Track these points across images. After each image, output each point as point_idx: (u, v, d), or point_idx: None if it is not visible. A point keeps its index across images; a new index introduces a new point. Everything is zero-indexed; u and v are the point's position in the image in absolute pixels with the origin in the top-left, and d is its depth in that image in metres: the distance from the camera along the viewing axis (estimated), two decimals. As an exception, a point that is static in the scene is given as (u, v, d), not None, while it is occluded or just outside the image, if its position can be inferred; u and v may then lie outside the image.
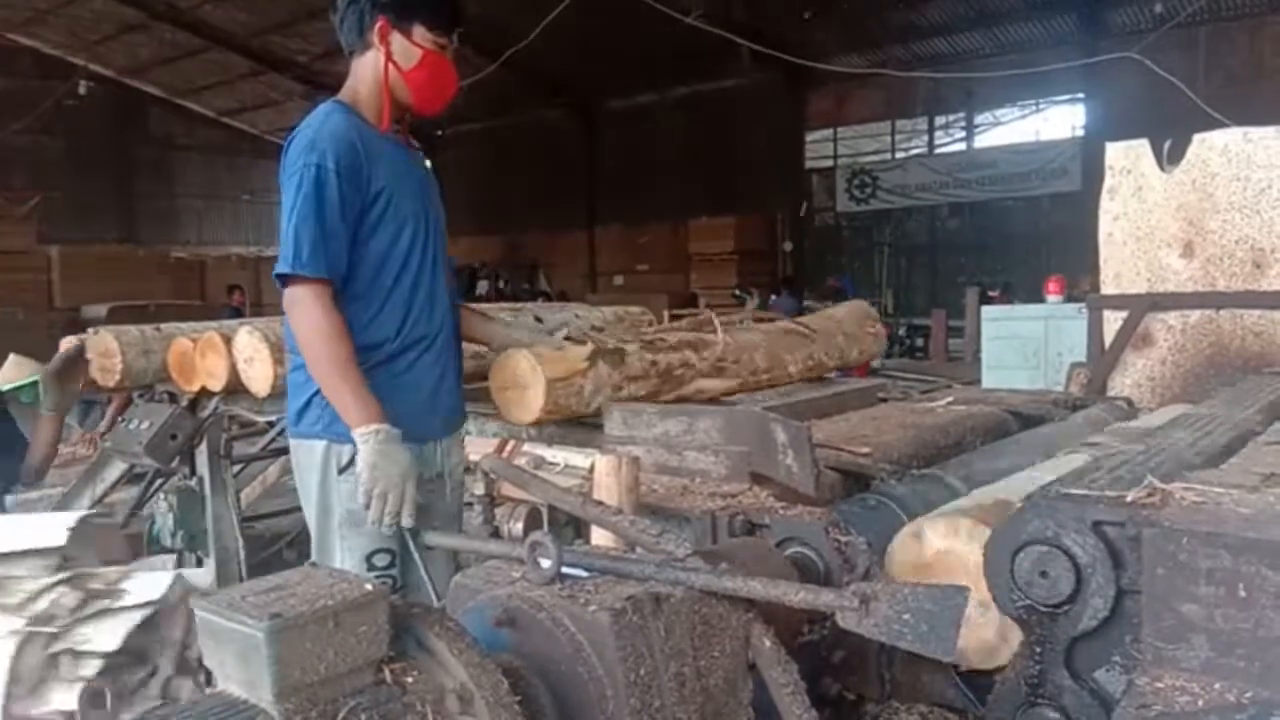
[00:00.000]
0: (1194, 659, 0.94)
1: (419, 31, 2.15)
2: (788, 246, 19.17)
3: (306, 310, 2.03)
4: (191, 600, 0.97)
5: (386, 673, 0.98)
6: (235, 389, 3.09)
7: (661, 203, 19.33)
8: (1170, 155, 3.48)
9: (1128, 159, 3.55)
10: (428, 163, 2.47)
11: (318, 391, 2.09)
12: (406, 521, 1.92)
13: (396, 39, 2.14)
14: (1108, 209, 3.60)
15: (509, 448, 4.35)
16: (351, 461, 2.05)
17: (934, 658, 1.09)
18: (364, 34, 2.16)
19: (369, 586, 0.97)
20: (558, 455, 3.80)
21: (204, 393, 3.22)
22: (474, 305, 2.68)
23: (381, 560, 2.06)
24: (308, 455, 2.15)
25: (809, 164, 19.41)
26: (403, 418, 2.06)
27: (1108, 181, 3.60)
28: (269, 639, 0.89)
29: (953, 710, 1.85)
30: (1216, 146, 3.36)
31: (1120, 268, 3.59)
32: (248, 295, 13.75)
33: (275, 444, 4.00)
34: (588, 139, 20.82)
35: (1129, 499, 1.09)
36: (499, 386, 2.39)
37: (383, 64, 2.15)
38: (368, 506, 1.95)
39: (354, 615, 0.94)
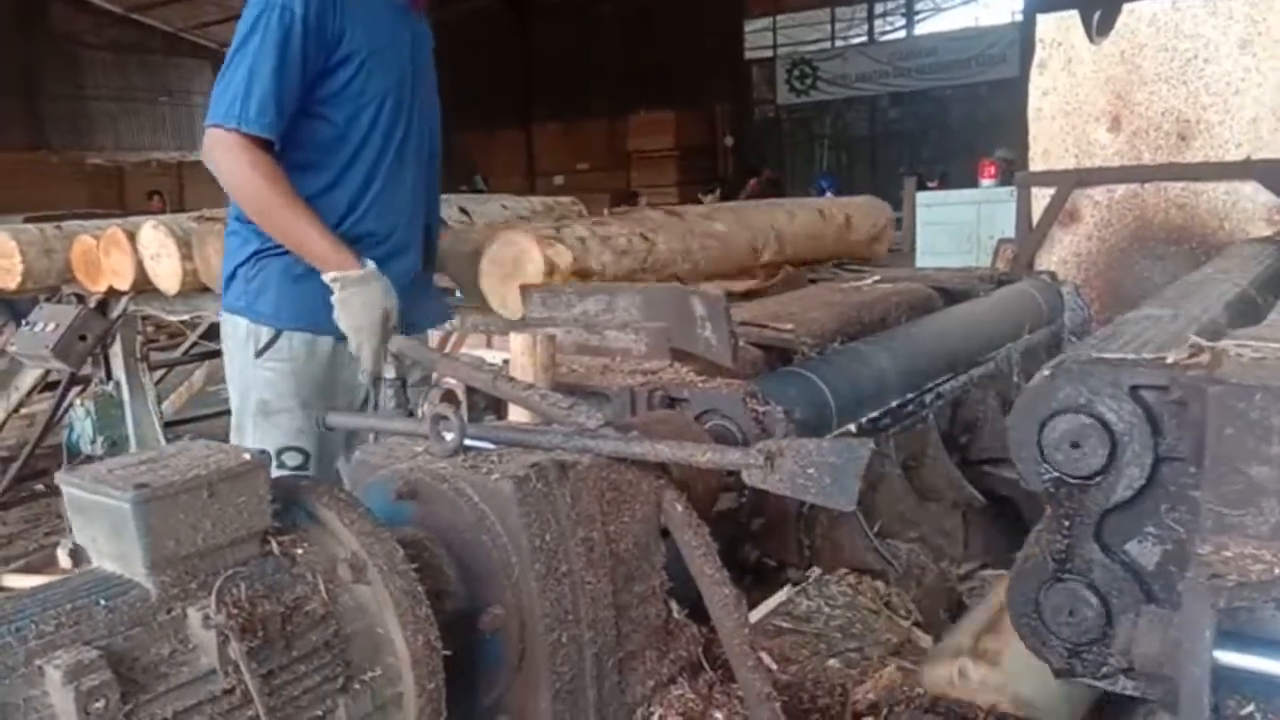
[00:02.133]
0: (1263, 524, 0.89)
1: None
2: (729, 141, 18.94)
3: (241, 158, 1.81)
4: (57, 476, 0.92)
5: (274, 544, 0.95)
6: (144, 288, 2.96)
7: (599, 98, 18.87)
8: (1099, 26, 3.43)
9: (1058, 31, 3.49)
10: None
11: (243, 263, 1.96)
12: (388, 372, 1.77)
13: None
14: (1037, 84, 3.55)
15: (451, 342, 4.29)
16: (270, 344, 1.94)
17: (835, 509, 1.09)
18: None
19: (247, 456, 0.93)
20: (497, 356, 3.75)
21: (112, 293, 3.09)
22: None
23: (292, 459, 1.96)
24: (232, 331, 2.01)
25: (748, 55, 19.05)
26: (326, 305, 1.90)
27: (1038, 55, 3.55)
28: (136, 510, 0.85)
29: (872, 573, 1.89)
30: (1145, 16, 3.31)
31: (1049, 144, 3.57)
32: (168, 201, 13.23)
33: (198, 347, 3.89)
34: (521, 32, 20.12)
35: (1170, 360, 1.02)
36: (497, 275, 2.23)
37: None
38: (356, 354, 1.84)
39: (230, 485, 0.90)
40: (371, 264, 1.85)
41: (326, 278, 1.83)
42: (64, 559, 3.07)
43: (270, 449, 1.97)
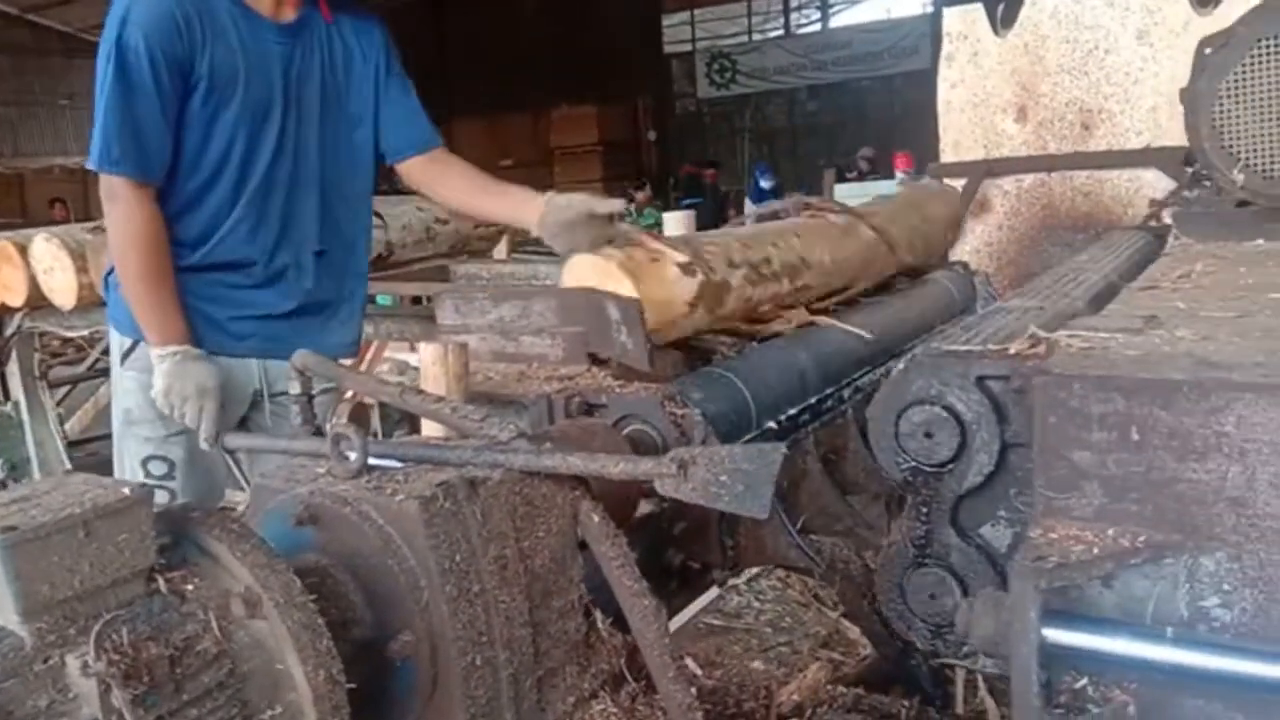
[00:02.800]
0: (1087, 507, 0.93)
1: None
2: (652, 136, 18.98)
3: (121, 207, 1.82)
4: (-83, 522, 0.85)
5: (160, 582, 0.90)
6: (39, 304, 2.83)
7: (520, 93, 18.71)
8: (1004, 19, 3.51)
9: (964, 24, 3.56)
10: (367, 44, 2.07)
11: (110, 272, 1.93)
12: (203, 443, 1.80)
13: None
14: (945, 76, 3.62)
15: (371, 350, 4.19)
16: (128, 353, 1.92)
17: (749, 515, 1.08)
18: None
19: (127, 491, 0.87)
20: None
21: (4, 309, 2.94)
22: (490, 178, 2.19)
23: (158, 468, 1.92)
24: (111, 341, 2.01)
25: (668, 48, 19.10)
26: (220, 324, 1.92)
27: (945, 48, 3.62)
28: (5, 554, 0.79)
29: (796, 570, 1.90)
30: (1047, 8, 3.40)
31: (959, 135, 3.64)
32: (72, 210, 12.73)
33: (102, 363, 3.73)
34: (437, 24, 19.83)
35: (1012, 351, 1.06)
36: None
37: None
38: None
39: (109, 523, 0.85)
40: (195, 349, 1.86)
41: (153, 353, 1.84)
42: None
43: (137, 460, 1.92)
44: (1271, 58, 1.65)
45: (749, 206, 13.22)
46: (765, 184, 13.30)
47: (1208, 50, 1.85)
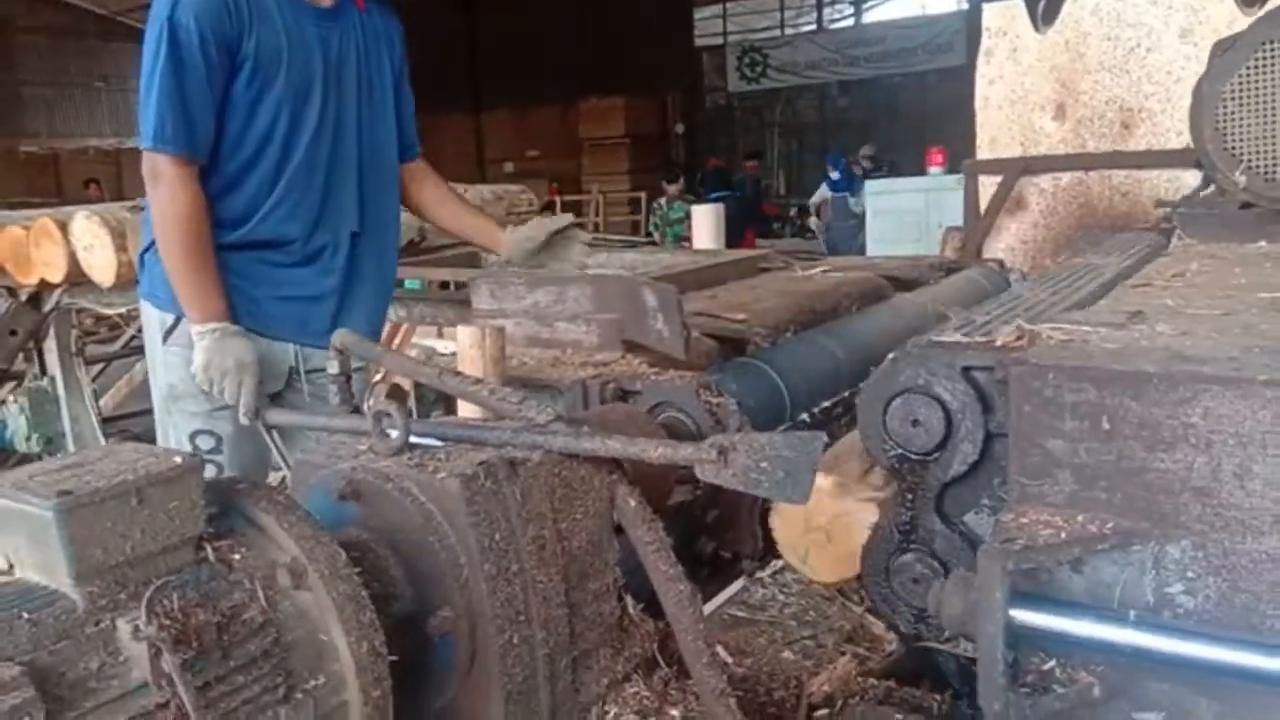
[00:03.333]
0: (1059, 494, 0.95)
1: None
2: (680, 129, 18.94)
3: (165, 188, 1.85)
4: (-26, 484, 0.87)
5: (209, 550, 0.91)
6: (78, 280, 2.87)
7: (549, 84, 18.73)
8: (1045, 15, 3.47)
9: (1004, 20, 3.53)
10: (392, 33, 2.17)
11: (147, 249, 1.97)
12: (242, 418, 1.82)
13: None
14: (984, 73, 3.59)
15: (400, 334, 4.22)
16: (172, 329, 1.95)
17: (789, 503, 1.07)
18: None
19: (178, 460, 0.88)
20: (449, 347, 3.69)
21: (44, 285, 2.98)
22: (465, 199, 2.39)
23: (205, 442, 1.95)
24: (146, 318, 2.03)
25: (699, 42, 19.03)
26: (257, 304, 1.95)
27: (984, 44, 3.59)
28: (59, 518, 0.80)
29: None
30: (1089, 5, 3.36)
31: (995, 132, 3.61)
32: (106, 190, 12.87)
33: (137, 340, 3.78)
34: (468, 17, 19.88)
35: (998, 343, 1.08)
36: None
37: None
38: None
39: (161, 490, 0.86)
40: (234, 326, 1.88)
41: (194, 330, 1.86)
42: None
43: (184, 434, 1.95)
44: (1276, 61, 1.65)
45: (823, 190, 12.93)
46: (835, 174, 13.16)
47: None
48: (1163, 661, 0.88)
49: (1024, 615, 0.90)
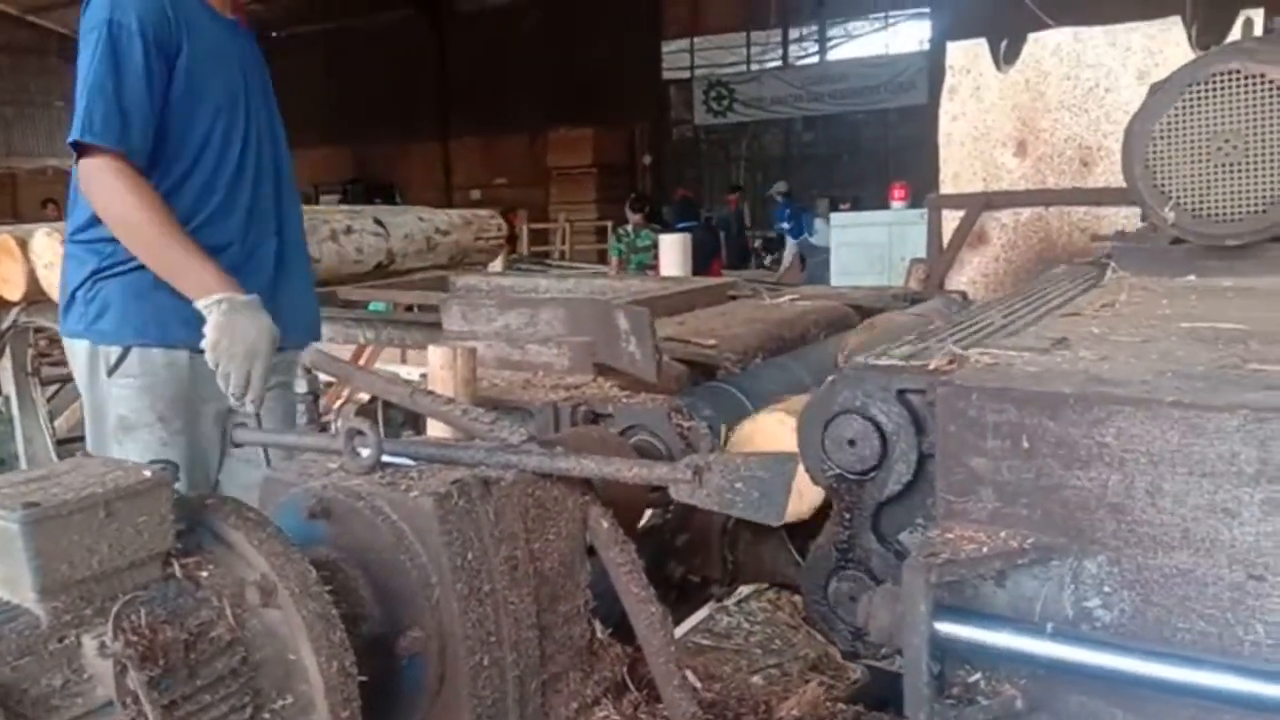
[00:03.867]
0: (982, 510, 0.98)
1: None
2: (647, 160, 19.08)
3: (108, 180, 1.80)
4: (-65, 496, 0.84)
5: (176, 566, 0.89)
6: (36, 298, 2.81)
7: (518, 114, 18.80)
8: (1006, 55, 3.56)
9: (967, 58, 3.61)
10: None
11: (80, 285, 1.91)
12: (249, 406, 1.76)
13: None
14: (947, 109, 3.67)
15: (366, 354, 4.17)
16: (119, 362, 1.90)
17: (764, 523, 1.08)
18: None
19: (148, 474, 0.87)
20: (413, 372, 3.66)
21: (2, 303, 2.92)
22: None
23: None
24: (75, 355, 1.97)
25: (666, 75, 19.23)
26: (188, 318, 1.85)
27: (948, 81, 3.67)
28: (24, 530, 0.79)
29: (795, 589, 1.89)
30: (1049, 46, 3.45)
31: (958, 167, 3.68)
32: (64, 210, 12.66)
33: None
34: (437, 44, 19.92)
35: (930, 366, 1.12)
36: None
37: None
38: (225, 384, 1.77)
39: (130, 504, 0.84)
40: (241, 295, 1.81)
41: (198, 305, 1.77)
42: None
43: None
44: (1202, 102, 1.72)
45: (790, 245, 13.46)
46: (785, 225, 13.69)
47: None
48: (1081, 673, 0.91)
49: (948, 628, 0.92)
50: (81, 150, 1.82)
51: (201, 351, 1.89)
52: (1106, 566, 0.91)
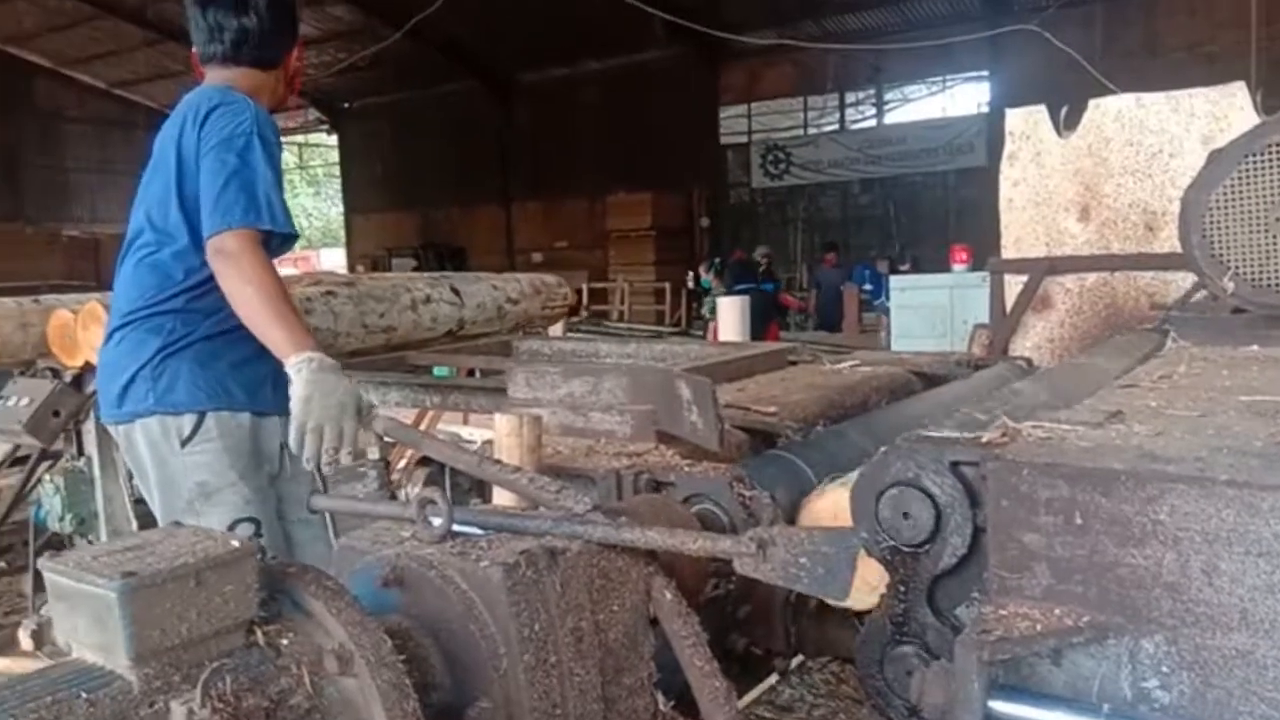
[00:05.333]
0: (1036, 587, 0.97)
1: (296, 52, 2.31)
2: (705, 223, 19.27)
3: (256, 254, 1.93)
4: (40, 563, 0.89)
5: (259, 634, 0.93)
6: (121, 362, 2.93)
7: (578, 179, 19.22)
8: (1067, 121, 3.56)
9: (1027, 125, 3.62)
10: None
11: (145, 365, 2.01)
12: (344, 459, 1.77)
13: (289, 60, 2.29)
14: (1007, 174, 3.67)
15: (427, 418, 4.25)
16: (195, 430, 1.99)
17: (829, 600, 1.08)
18: (283, 55, 2.25)
19: (235, 544, 0.91)
20: (474, 434, 3.72)
21: (88, 368, 3.05)
22: None
23: (245, 530, 1.97)
24: (140, 435, 2.05)
25: (724, 140, 19.50)
26: (253, 386, 2.05)
27: (1008, 147, 3.67)
28: (122, 599, 0.82)
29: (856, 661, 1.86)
30: (1111, 112, 3.45)
31: (1020, 232, 3.67)
32: (146, 274, 13.16)
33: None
34: (501, 113, 20.51)
35: (984, 439, 1.11)
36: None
37: (283, 78, 2.28)
38: (300, 444, 1.77)
39: (218, 574, 0.88)
40: (331, 360, 1.88)
41: (288, 365, 1.81)
42: (25, 639, 2.98)
43: (220, 528, 1.96)
44: (1260, 171, 1.71)
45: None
46: (868, 286, 13.66)
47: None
48: (1138, 756, 0.88)
49: (1003, 707, 0.91)
50: (232, 231, 1.94)
51: (261, 414, 2.05)
52: (1164, 646, 0.90)
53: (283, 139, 2.26)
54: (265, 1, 2.18)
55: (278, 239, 2.04)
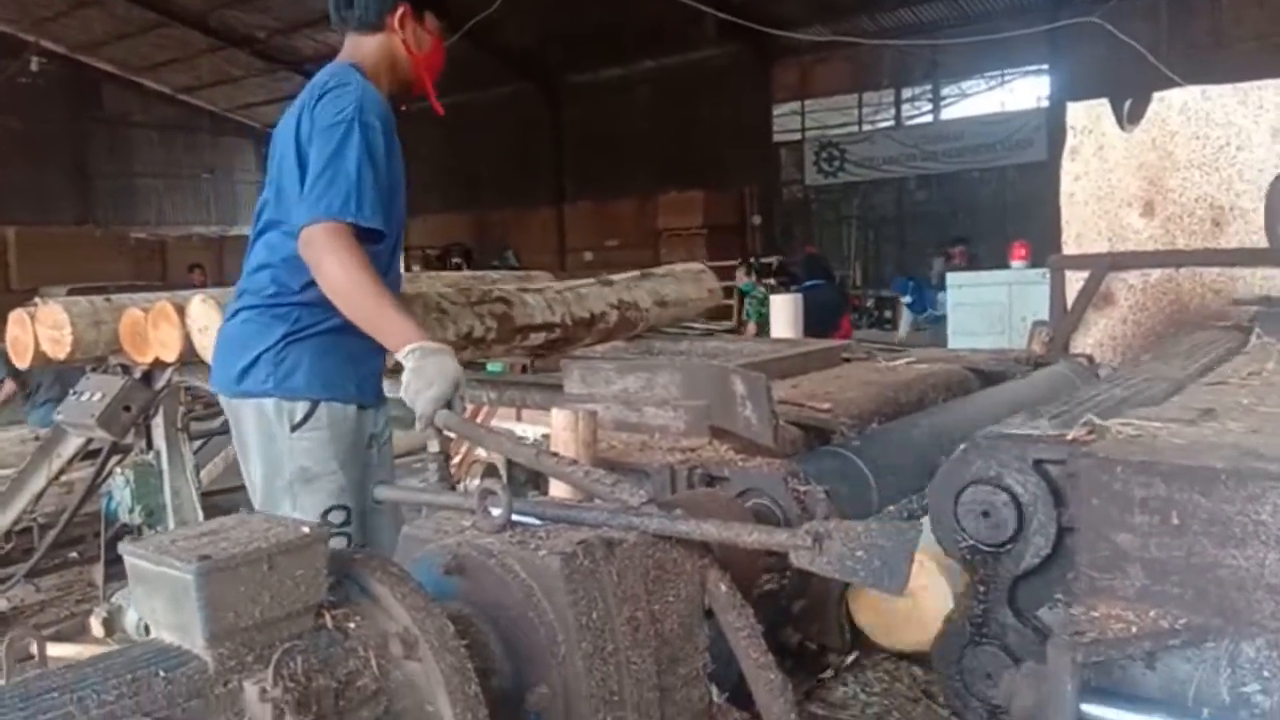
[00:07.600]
0: (1129, 588, 0.96)
1: (430, 19, 2.24)
2: (757, 220, 19.16)
3: (345, 248, 1.92)
4: (120, 546, 0.93)
5: (327, 618, 0.96)
6: (190, 360, 3.02)
7: (630, 178, 19.23)
8: (1130, 114, 3.48)
9: (1089, 118, 3.55)
10: None
11: (269, 348, 2.06)
12: (431, 445, 1.74)
13: (412, 25, 2.21)
14: (1069, 169, 3.60)
15: (483, 413, 4.31)
16: (307, 416, 2.05)
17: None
18: (382, 15, 2.18)
19: (306, 530, 0.94)
20: (528, 430, 3.75)
21: (158, 364, 3.15)
22: None
23: (337, 517, 2.03)
24: (252, 415, 2.11)
25: (777, 137, 19.36)
26: (362, 380, 2.12)
27: (1069, 141, 3.60)
28: (199, 581, 0.86)
29: (913, 660, 1.86)
30: (1175, 105, 3.36)
31: (1082, 228, 3.59)
32: (209, 275, 13.52)
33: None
34: (553, 114, 20.64)
35: (1069, 437, 1.09)
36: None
37: (402, 48, 2.20)
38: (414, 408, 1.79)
39: (290, 558, 0.91)
40: (431, 343, 1.90)
41: (399, 355, 1.87)
42: (97, 627, 3.12)
43: (315, 513, 2.02)
44: None
45: (906, 315, 13.29)
46: (907, 299, 13.39)
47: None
48: (1241, 764, 0.86)
49: (1095, 710, 0.89)
50: (322, 220, 1.94)
51: (365, 406, 2.14)
52: (1266, 650, 0.87)
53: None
54: None
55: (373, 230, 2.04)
